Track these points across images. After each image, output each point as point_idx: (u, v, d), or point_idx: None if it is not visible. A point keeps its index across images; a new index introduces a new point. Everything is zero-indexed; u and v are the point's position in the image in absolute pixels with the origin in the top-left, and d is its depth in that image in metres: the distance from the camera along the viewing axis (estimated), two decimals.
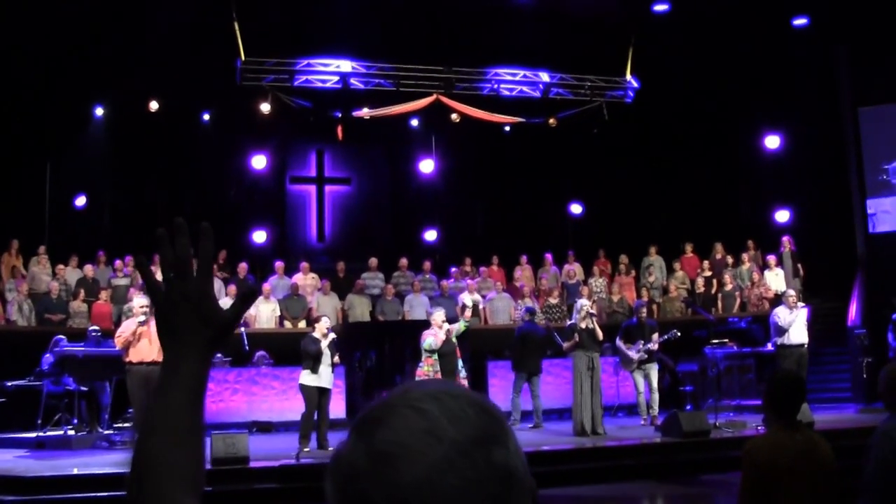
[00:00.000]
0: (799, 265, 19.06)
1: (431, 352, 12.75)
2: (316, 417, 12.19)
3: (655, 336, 14.59)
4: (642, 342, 14.49)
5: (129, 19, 17.67)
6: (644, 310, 15.30)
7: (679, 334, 14.92)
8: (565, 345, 13.82)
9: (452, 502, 1.02)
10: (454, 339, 12.94)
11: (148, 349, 11.45)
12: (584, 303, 14.21)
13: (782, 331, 14.08)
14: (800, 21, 19.52)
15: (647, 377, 14.68)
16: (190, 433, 1.31)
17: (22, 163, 18.68)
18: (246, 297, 1.45)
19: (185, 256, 1.37)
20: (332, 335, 12.50)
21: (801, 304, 14.65)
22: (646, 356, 14.55)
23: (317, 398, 12.17)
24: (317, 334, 12.45)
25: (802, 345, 14.18)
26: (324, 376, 12.25)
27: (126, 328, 11.79)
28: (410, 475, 1.02)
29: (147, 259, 1.50)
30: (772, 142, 20.64)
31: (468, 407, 1.08)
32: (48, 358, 13.86)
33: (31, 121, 18.35)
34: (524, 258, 20.30)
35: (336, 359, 12.50)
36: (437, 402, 1.08)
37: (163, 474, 1.26)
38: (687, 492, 10.95)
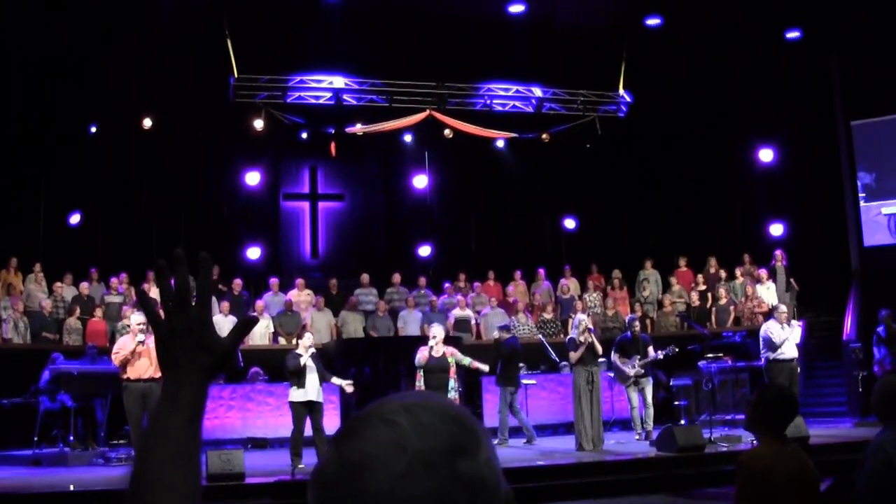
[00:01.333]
0: (791, 279, 19.08)
1: (419, 367, 12.74)
2: (312, 433, 12.14)
3: (650, 350, 14.60)
4: (638, 357, 14.50)
5: (122, 37, 17.70)
6: (637, 323, 15.30)
7: (677, 350, 14.92)
8: (572, 354, 13.76)
9: None
10: (451, 360, 12.84)
11: (146, 366, 11.44)
12: (582, 318, 14.18)
13: (775, 346, 14.03)
14: (792, 34, 19.58)
15: (641, 392, 14.69)
16: (187, 457, 1.34)
17: (17, 180, 18.69)
18: (244, 327, 1.49)
19: (185, 287, 1.40)
20: (311, 349, 12.46)
21: (794, 320, 14.63)
22: (642, 371, 14.56)
23: (304, 413, 12.09)
24: (300, 350, 12.43)
25: (793, 359, 14.17)
26: (310, 390, 12.13)
27: (124, 346, 11.76)
28: (374, 485, 1.05)
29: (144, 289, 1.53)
30: (765, 155, 20.70)
31: (439, 419, 1.10)
32: (46, 375, 13.86)
33: (26, 138, 18.38)
34: (518, 273, 20.31)
35: (331, 376, 12.47)
36: (407, 414, 1.10)
37: (159, 497, 1.29)
38: None
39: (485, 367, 13.60)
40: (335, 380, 12.59)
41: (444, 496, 1.05)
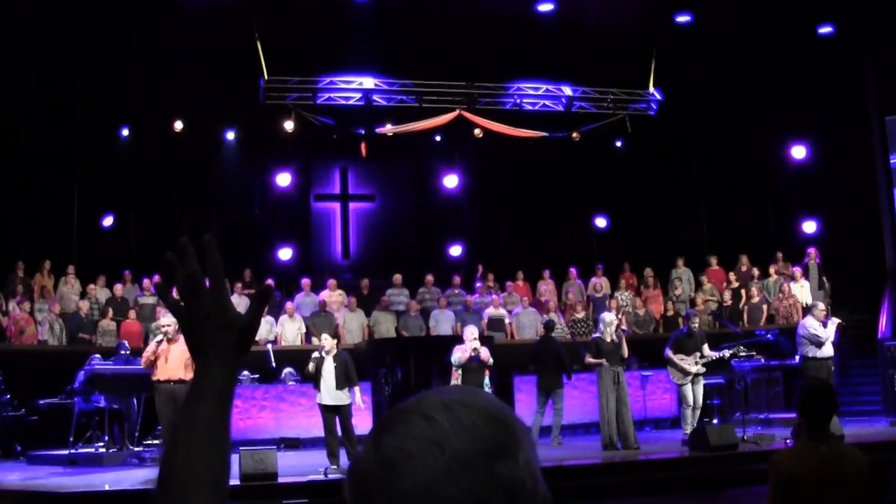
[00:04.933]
0: (825, 277, 18.91)
1: (458, 366, 12.80)
2: (341, 434, 12.12)
3: (706, 348, 14.13)
4: (698, 354, 14.14)
5: (153, 40, 17.83)
6: (697, 319, 14.76)
7: (743, 348, 14.56)
8: (587, 358, 13.70)
9: None
10: (485, 357, 12.92)
11: (175, 367, 11.50)
12: (612, 318, 14.05)
13: (820, 342, 13.85)
14: (825, 29, 19.41)
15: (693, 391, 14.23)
16: (215, 445, 1.34)
17: (50, 184, 18.87)
18: (262, 297, 1.47)
19: (195, 273, 1.41)
20: (315, 353, 12.44)
21: (833, 318, 14.46)
22: (703, 369, 14.05)
23: (329, 415, 12.07)
24: (319, 353, 12.41)
25: (830, 358, 14.02)
26: (325, 394, 12.09)
27: (150, 347, 11.90)
28: (410, 482, 1.04)
29: (168, 285, 1.53)
30: (798, 152, 20.53)
31: (479, 418, 1.08)
32: (81, 376, 13.99)
33: (59, 142, 18.54)
34: (547, 272, 20.24)
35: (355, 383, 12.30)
36: (447, 411, 1.09)
37: (186, 486, 1.29)
38: None
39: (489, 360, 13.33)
40: (357, 391, 12.33)
41: (482, 498, 1.03)
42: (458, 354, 12.79)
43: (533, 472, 1.10)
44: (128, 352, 14.77)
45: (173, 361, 11.56)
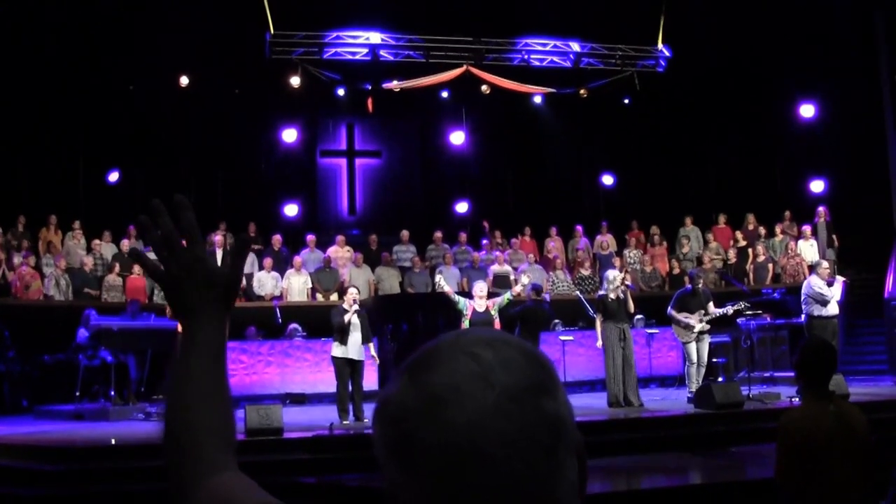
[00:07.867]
0: (834, 236, 18.87)
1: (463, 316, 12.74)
2: (351, 389, 12.25)
3: (711, 305, 13.99)
4: (702, 312, 13.93)
5: None
6: (701, 279, 14.63)
7: (747, 305, 14.46)
8: (598, 319, 13.63)
9: (501, 447, 1.01)
10: (493, 312, 12.84)
11: None
12: (615, 274, 13.99)
13: (825, 300, 13.82)
14: None
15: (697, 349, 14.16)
16: (216, 396, 1.37)
17: (56, 139, 18.82)
18: (238, 249, 1.50)
19: (170, 233, 1.44)
20: (356, 306, 12.49)
21: (838, 276, 14.41)
22: (708, 326, 13.92)
23: (346, 370, 12.21)
24: (345, 305, 12.50)
25: (835, 317, 14.00)
26: (351, 348, 12.25)
27: None
28: (461, 418, 1.01)
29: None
30: (807, 110, 20.38)
31: (520, 355, 1.07)
32: (82, 332, 14.02)
33: (64, 98, 18.47)
34: (554, 230, 20.21)
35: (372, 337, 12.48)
36: (490, 348, 1.07)
37: (195, 438, 1.32)
38: (719, 463, 10.92)
39: (525, 280, 13.85)
40: (371, 346, 12.64)
41: (531, 433, 1.03)
42: (464, 302, 12.80)
43: (571, 412, 1.09)
44: (137, 307, 14.80)
45: None
